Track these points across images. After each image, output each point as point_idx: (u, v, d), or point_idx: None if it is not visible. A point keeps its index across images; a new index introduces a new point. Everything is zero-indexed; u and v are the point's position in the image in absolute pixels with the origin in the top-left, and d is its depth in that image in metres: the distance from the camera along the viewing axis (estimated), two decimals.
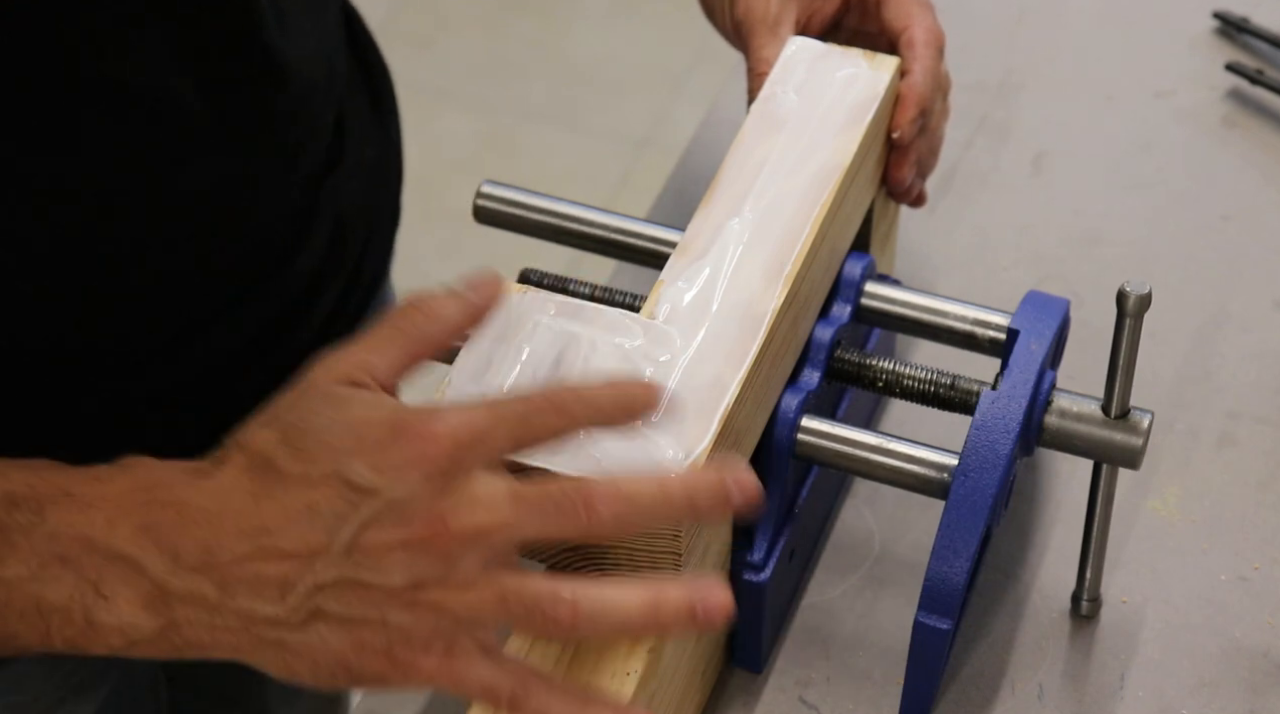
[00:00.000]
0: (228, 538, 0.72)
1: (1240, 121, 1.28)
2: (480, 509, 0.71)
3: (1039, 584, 1.00)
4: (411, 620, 0.71)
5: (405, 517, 0.70)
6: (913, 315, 0.99)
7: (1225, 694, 0.95)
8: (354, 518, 0.71)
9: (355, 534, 0.71)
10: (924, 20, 1.02)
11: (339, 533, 0.71)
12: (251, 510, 0.72)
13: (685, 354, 0.85)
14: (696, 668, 0.91)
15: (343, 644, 0.72)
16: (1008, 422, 0.90)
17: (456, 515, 0.71)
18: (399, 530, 0.70)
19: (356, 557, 0.71)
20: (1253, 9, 1.34)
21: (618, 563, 0.82)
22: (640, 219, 1.02)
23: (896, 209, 1.09)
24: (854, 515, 1.04)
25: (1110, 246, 1.19)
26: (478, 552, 0.71)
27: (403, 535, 0.70)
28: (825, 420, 0.93)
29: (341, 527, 0.71)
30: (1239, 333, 1.14)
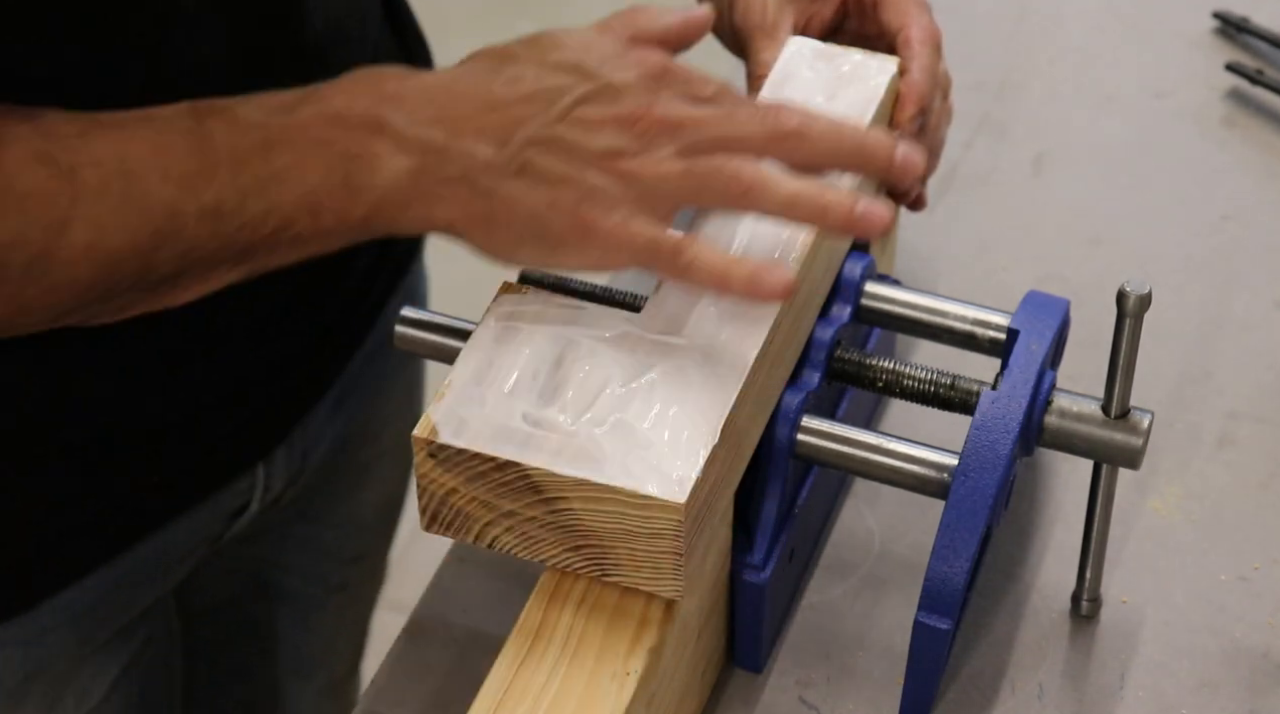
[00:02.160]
0: (460, 101, 0.83)
1: (1240, 121, 1.28)
2: (682, 107, 0.83)
3: (1039, 584, 1.00)
4: (604, 182, 0.81)
5: (619, 99, 0.82)
6: (913, 315, 0.99)
7: (1225, 694, 0.95)
8: (575, 91, 0.82)
9: (573, 104, 0.82)
10: (921, 19, 1.02)
11: (559, 101, 0.82)
12: (484, 84, 0.83)
13: (686, 354, 0.85)
14: (696, 668, 0.91)
15: (540, 199, 0.81)
16: (1008, 422, 0.90)
17: (662, 106, 0.82)
18: (611, 108, 0.82)
19: (570, 121, 0.82)
20: (1253, 9, 1.34)
21: (618, 562, 0.82)
22: None
23: (897, 209, 1.09)
24: (854, 515, 1.04)
25: (1110, 246, 1.19)
26: (674, 140, 0.82)
27: (613, 112, 0.82)
28: (825, 420, 0.93)
29: (562, 96, 0.82)
30: (1239, 333, 1.14)
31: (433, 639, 0.98)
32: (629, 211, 0.81)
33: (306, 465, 1.15)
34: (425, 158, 0.82)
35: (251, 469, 1.09)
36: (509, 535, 0.83)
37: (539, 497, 0.81)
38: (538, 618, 0.84)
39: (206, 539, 1.11)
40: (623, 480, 0.80)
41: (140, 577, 1.07)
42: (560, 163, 0.81)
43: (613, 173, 0.81)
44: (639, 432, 0.82)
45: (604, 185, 0.81)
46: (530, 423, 0.82)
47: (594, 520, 0.81)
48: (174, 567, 1.10)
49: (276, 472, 1.12)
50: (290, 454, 1.12)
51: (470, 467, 0.82)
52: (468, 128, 0.82)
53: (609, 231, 0.81)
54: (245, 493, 1.11)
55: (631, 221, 0.81)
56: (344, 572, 1.32)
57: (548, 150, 0.81)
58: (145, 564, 1.06)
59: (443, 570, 1.02)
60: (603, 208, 0.81)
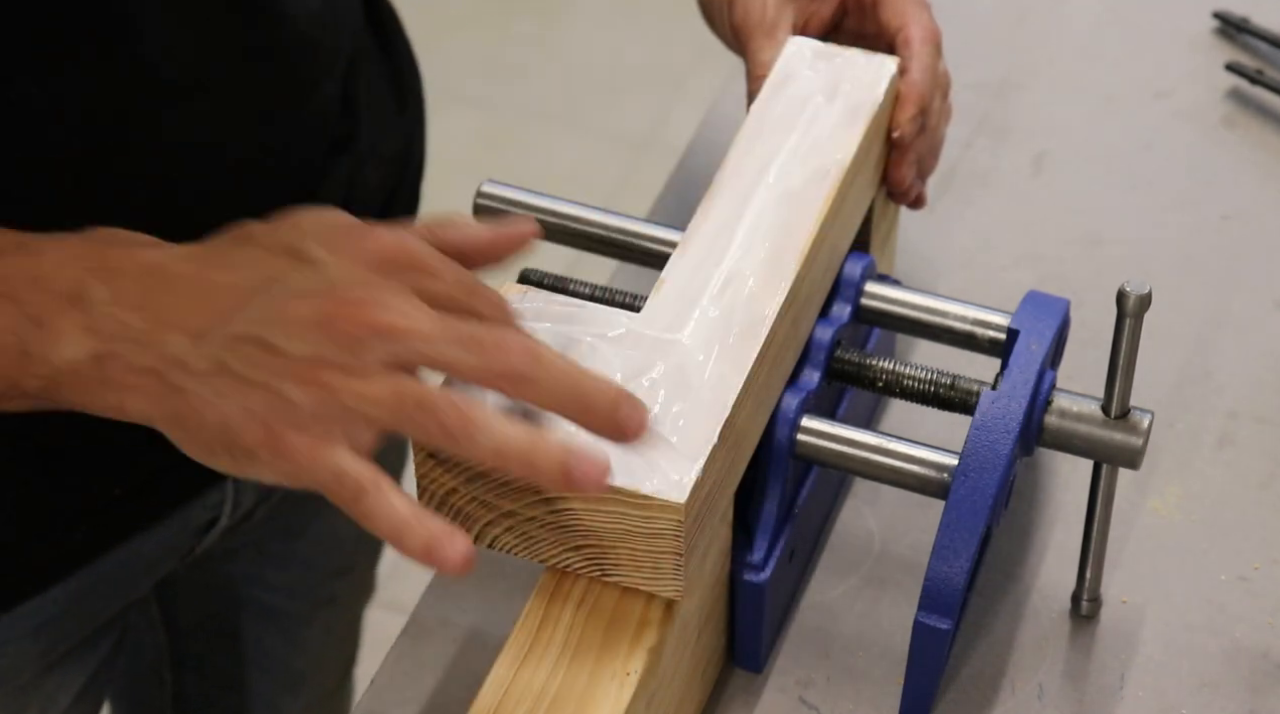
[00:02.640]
0: (171, 286, 0.76)
1: (1240, 121, 1.28)
2: (400, 313, 0.73)
3: (1039, 584, 1.00)
4: (301, 396, 0.73)
5: (331, 294, 0.74)
6: (913, 315, 0.99)
7: (1225, 694, 0.95)
8: (288, 283, 0.74)
9: (282, 298, 0.74)
10: (920, 19, 1.02)
11: (268, 293, 0.74)
12: (202, 269, 0.76)
13: (686, 355, 0.85)
14: (696, 668, 0.91)
15: (232, 406, 0.73)
16: (1008, 422, 0.90)
17: (377, 307, 0.73)
18: (321, 305, 0.73)
19: (274, 320, 0.73)
20: (1253, 9, 1.34)
21: (619, 562, 0.82)
22: (640, 219, 1.02)
23: (896, 209, 1.09)
24: (854, 515, 1.04)
25: (1110, 246, 1.19)
26: (384, 349, 0.73)
27: (323, 311, 0.73)
28: (825, 420, 0.93)
29: (273, 288, 0.74)
30: (1239, 333, 1.14)
31: (433, 639, 0.98)
32: (322, 433, 0.73)
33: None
34: (115, 344, 0.75)
35: (220, 484, 1.09)
36: (509, 535, 0.83)
37: (539, 496, 0.81)
38: (538, 618, 0.84)
39: (176, 552, 1.10)
40: (623, 480, 0.80)
41: (105, 588, 1.06)
42: (257, 368, 0.73)
43: (313, 385, 0.73)
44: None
45: (300, 400, 0.73)
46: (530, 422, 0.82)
47: (594, 520, 0.81)
48: (141, 578, 1.10)
49: (246, 487, 1.11)
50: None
51: (470, 467, 0.81)
52: (171, 317, 0.75)
53: (298, 452, 0.73)
54: (214, 507, 1.10)
55: (321, 446, 0.73)
56: (331, 585, 1.31)
57: (247, 352, 0.74)
58: (110, 576, 1.05)
59: None
60: (295, 424, 0.73)
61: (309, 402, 0.73)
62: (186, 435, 0.76)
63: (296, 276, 0.75)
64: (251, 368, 0.73)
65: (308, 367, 0.73)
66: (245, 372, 0.73)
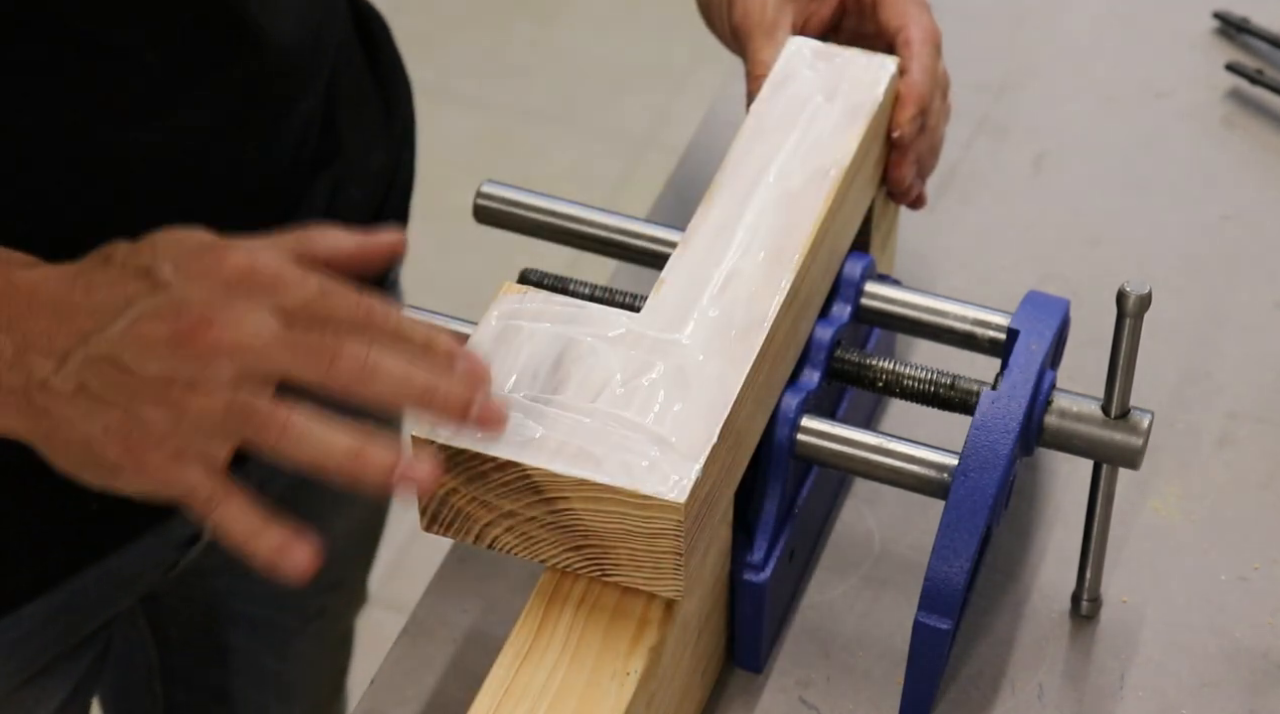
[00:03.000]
0: (38, 308, 0.79)
1: (1240, 121, 1.28)
2: (247, 330, 0.76)
3: (1039, 584, 1.00)
4: (154, 414, 0.76)
5: (182, 314, 0.76)
6: (913, 315, 0.99)
7: (1225, 694, 0.95)
8: (141, 305, 0.77)
9: (135, 320, 0.77)
10: (920, 19, 1.02)
11: (123, 315, 0.77)
12: (67, 290, 0.79)
13: (686, 355, 0.85)
14: (696, 668, 0.91)
15: (93, 425, 0.77)
16: (1008, 422, 0.90)
17: (225, 326, 0.76)
18: (171, 324, 0.76)
19: (129, 340, 0.77)
20: (1253, 9, 1.34)
21: (619, 562, 0.82)
22: (640, 219, 1.02)
23: (896, 209, 1.09)
24: (854, 515, 1.04)
25: (1110, 246, 1.19)
26: (231, 365, 0.76)
27: (173, 330, 0.76)
28: (825, 420, 0.93)
29: (127, 310, 0.77)
30: (1239, 333, 1.14)
31: (433, 639, 0.98)
32: (175, 448, 0.77)
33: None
34: None
35: None
36: (509, 535, 0.83)
37: (539, 497, 0.81)
38: (538, 618, 0.84)
39: (157, 567, 1.10)
40: (623, 480, 0.80)
41: (83, 604, 1.05)
42: (113, 388, 0.77)
43: (164, 403, 0.77)
44: (639, 431, 0.82)
45: (153, 418, 0.77)
46: (530, 422, 0.82)
47: (594, 520, 0.81)
48: (121, 593, 1.09)
49: None
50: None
51: (470, 467, 0.82)
52: (37, 339, 0.78)
53: (155, 469, 0.78)
54: (195, 522, 1.09)
55: (176, 461, 0.77)
56: (321, 598, 1.31)
57: (103, 372, 0.77)
58: (88, 593, 1.05)
59: (443, 570, 1.02)
60: (153, 441, 0.77)
61: (160, 420, 0.77)
62: (55, 452, 0.79)
63: (149, 299, 0.77)
64: (108, 389, 0.77)
65: (159, 386, 0.76)
66: (103, 392, 0.77)
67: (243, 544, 0.79)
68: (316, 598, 1.30)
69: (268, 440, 0.77)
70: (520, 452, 0.81)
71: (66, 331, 0.78)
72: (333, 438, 0.77)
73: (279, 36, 0.97)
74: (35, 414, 0.78)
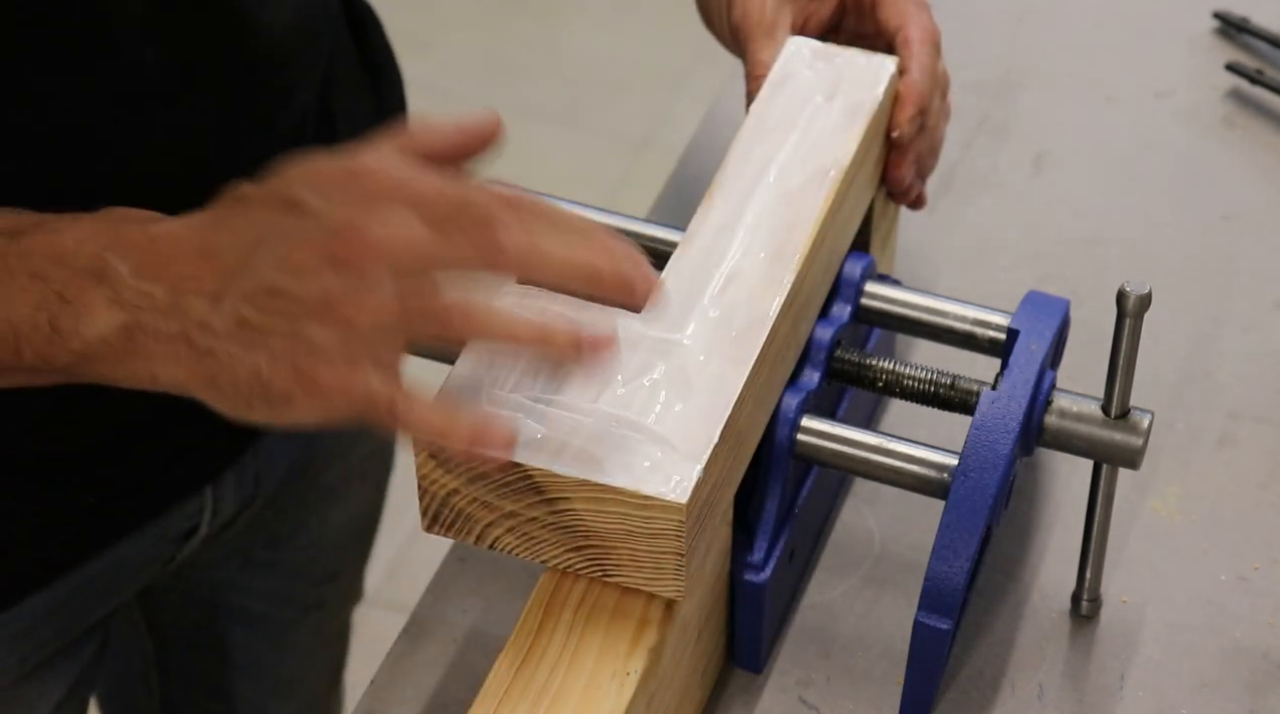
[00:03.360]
0: (184, 253, 0.78)
1: (1240, 121, 1.28)
2: (401, 233, 0.76)
3: (1039, 584, 1.00)
4: (321, 334, 0.76)
5: (333, 235, 0.76)
6: (913, 315, 0.99)
7: (1225, 694, 0.95)
8: (289, 233, 0.77)
9: (286, 249, 0.76)
10: (920, 19, 1.02)
11: (273, 246, 0.77)
12: (208, 234, 0.79)
13: (687, 355, 0.85)
14: (696, 668, 0.91)
15: (258, 356, 0.76)
16: (1008, 422, 0.90)
17: (377, 235, 0.76)
18: (324, 246, 0.76)
19: (283, 268, 0.76)
20: (1253, 9, 1.34)
21: (620, 563, 0.82)
22: (640, 219, 1.02)
23: (896, 209, 1.09)
24: (854, 515, 1.04)
25: (1110, 246, 1.19)
26: (388, 267, 0.76)
27: (326, 250, 0.76)
28: (825, 420, 0.93)
29: (275, 241, 0.77)
30: (1239, 333, 1.14)
31: (433, 639, 0.98)
32: (347, 363, 0.76)
33: (260, 488, 1.13)
34: (142, 315, 0.78)
35: (198, 493, 1.08)
36: (510, 536, 0.83)
37: (540, 497, 0.81)
38: (538, 618, 0.84)
39: (155, 560, 1.10)
40: (624, 481, 0.80)
41: (83, 597, 1.06)
42: (275, 317, 0.77)
43: (329, 321, 0.76)
44: (640, 432, 0.82)
45: (321, 337, 0.76)
46: (531, 423, 0.82)
47: (596, 521, 0.81)
48: (120, 587, 1.09)
49: (226, 496, 1.10)
50: (241, 478, 1.11)
51: (471, 467, 0.82)
52: (188, 283, 0.78)
53: (331, 386, 0.76)
54: (194, 516, 1.09)
55: (352, 374, 0.76)
56: (318, 591, 1.31)
57: (263, 303, 0.77)
58: (87, 586, 1.05)
59: (443, 570, 1.02)
60: (323, 361, 0.76)
61: (329, 337, 0.76)
62: (221, 394, 0.78)
63: (293, 224, 0.77)
64: (269, 317, 0.76)
65: (322, 305, 0.76)
66: (264, 322, 0.76)
67: (439, 438, 0.78)
68: (313, 590, 1.30)
69: (448, 330, 0.77)
70: (521, 452, 0.81)
71: (216, 271, 0.77)
72: (516, 314, 0.78)
73: (272, 26, 0.97)
74: (198, 357, 0.77)
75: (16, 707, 1.06)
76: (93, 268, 0.78)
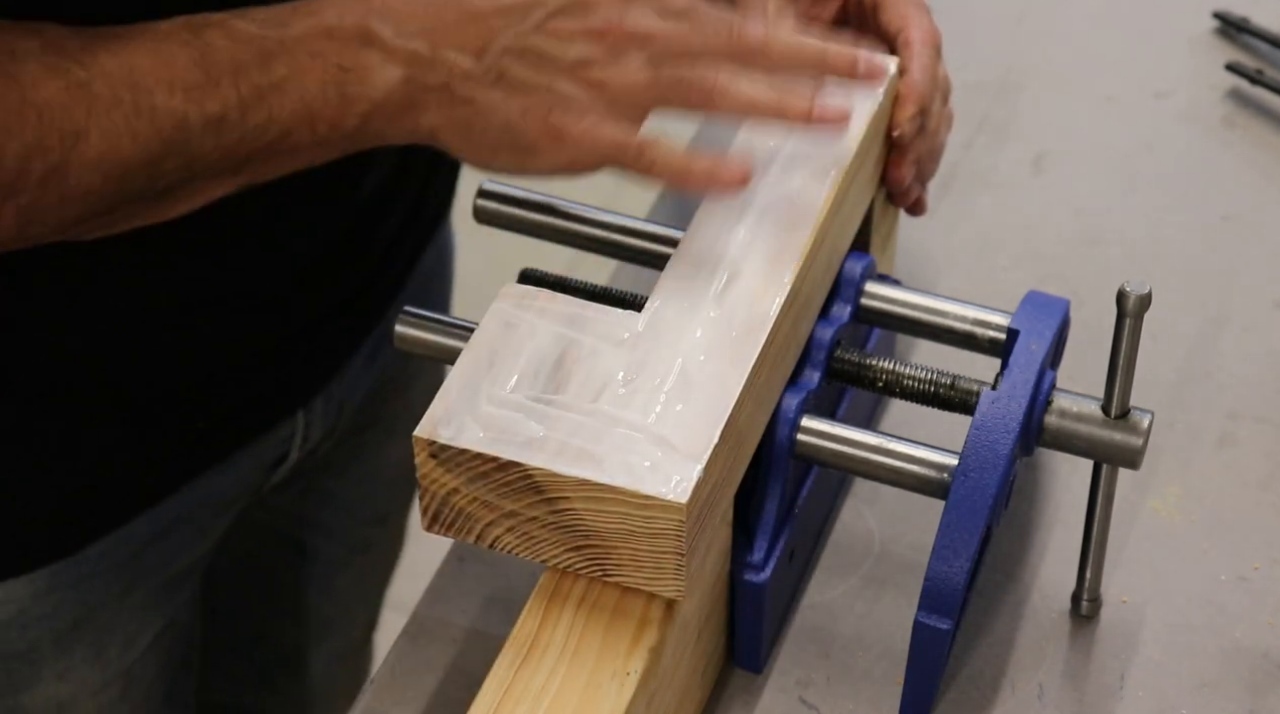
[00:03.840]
0: (442, 13, 0.87)
1: (1240, 121, 1.28)
2: (652, 20, 0.88)
3: (1039, 584, 1.00)
4: (574, 90, 0.86)
5: (591, 12, 0.87)
6: (913, 315, 0.99)
7: (1225, 694, 0.95)
8: (550, 4, 0.87)
9: (547, 16, 0.87)
10: (920, 21, 1.02)
11: (534, 13, 0.87)
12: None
13: (687, 355, 0.85)
14: (696, 668, 0.91)
15: (514, 106, 0.86)
16: (1008, 422, 0.90)
17: (632, 19, 0.87)
18: (583, 21, 0.87)
19: (544, 33, 0.86)
20: (1253, 9, 1.34)
21: (620, 563, 0.82)
22: (640, 219, 1.02)
23: (897, 210, 1.09)
24: (854, 515, 1.04)
25: (1110, 246, 1.19)
26: (642, 51, 0.87)
27: (585, 25, 0.87)
28: (825, 420, 0.93)
29: (537, 9, 0.87)
30: (1239, 333, 1.14)
31: (433, 639, 0.98)
32: (597, 118, 0.86)
33: (343, 416, 1.17)
34: (411, 68, 0.86)
35: (291, 417, 1.12)
36: (511, 536, 0.83)
37: (541, 497, 0.81)
38: (538, 617, 0.84)
39: (248, 489, 1.13)
40: (624, 480, 0.80)
41: (183, 525, 1.09)
42: (533, 72, 0.86)
43: (583, 82, 0.86)
44: (641, 432, 0.82)
45: (574, 93, 0.86)
46: (532, 423, 0.82)
47: (596, 520, 0.81)
48: (215, 516, 1.12)
49: (315, 421, 1.14)
50: (328, 404, 1.14)
51: (472, 467, 0.82)
52: (449, 39, 0.86)
53: (578, 136, 0.86)
54: (285, 442, 1.13)
55: (599, 127, 0.86)
56: (367, 532, 1.34)
57: (522, 60, 0.86)
58: (188, 511, 1.08)
59: (443, 570, 1.02)
60: (573, 114, 0.86)
61: (583, 95, 0.86)
62: (470, 141, 0.87)
63: (556, 2, 0.87)
64: (529, 73, 0.86)
65: (579, 67, 0.86)
66: (524, 76, 0.86)
67: (678, 176, 0.88)
68: (363, 530, 1.34)
69: (696, 102, 0.88)
70: (522, 452, 0.81)
71: (479, 31, 0.86)
72: (754, 90, 0.88)
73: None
74: (457, 104, 0.86)
75: (119, 636, 1.10)
76: (359, 34, 0.86)
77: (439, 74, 0.86)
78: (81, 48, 0.83)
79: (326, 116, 0.86)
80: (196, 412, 1.05)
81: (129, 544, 1.06)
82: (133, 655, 1.12)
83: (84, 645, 1.08)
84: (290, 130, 0.86)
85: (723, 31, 0.88)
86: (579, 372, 0.84)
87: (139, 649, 1.12)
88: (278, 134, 0.86)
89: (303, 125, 0.86)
